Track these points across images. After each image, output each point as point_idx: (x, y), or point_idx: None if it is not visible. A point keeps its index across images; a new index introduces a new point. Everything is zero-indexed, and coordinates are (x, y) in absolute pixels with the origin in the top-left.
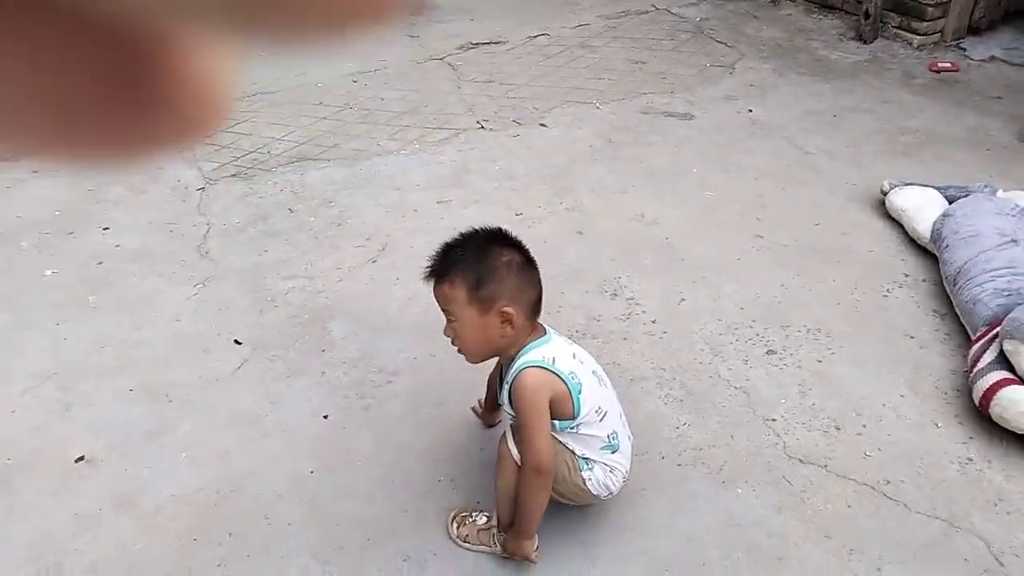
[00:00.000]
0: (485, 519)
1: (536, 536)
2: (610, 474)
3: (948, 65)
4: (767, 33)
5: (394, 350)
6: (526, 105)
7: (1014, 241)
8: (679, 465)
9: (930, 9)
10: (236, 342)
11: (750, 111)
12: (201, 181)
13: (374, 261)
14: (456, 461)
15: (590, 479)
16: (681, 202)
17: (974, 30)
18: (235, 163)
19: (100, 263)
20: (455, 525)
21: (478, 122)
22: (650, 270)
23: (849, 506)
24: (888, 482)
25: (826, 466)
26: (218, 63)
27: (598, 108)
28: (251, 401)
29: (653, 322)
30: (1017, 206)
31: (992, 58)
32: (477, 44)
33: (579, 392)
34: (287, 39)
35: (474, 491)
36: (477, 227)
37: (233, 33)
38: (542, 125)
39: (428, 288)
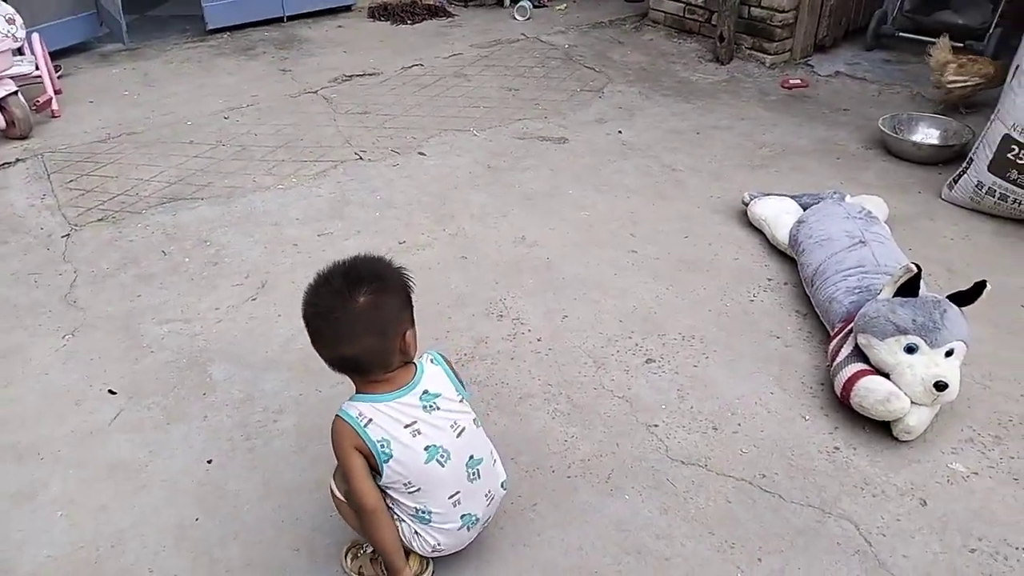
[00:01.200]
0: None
1: (415, 563)
2: (416, 535)
3: (798, 81)
4: (632, 58)
5: (278, 389)
6: (404, 135)
7: (862, 242)
8: (568, 477)
9: (778, 30)
10: (110, 392)
11: (620, 132)
12: (65, 228)
13: (254, 299)
14: None
15: (400, 529)
16: (559, 223)
17: (820, 48)
18: (101, 207)
19: None
20: (348, 558)
21: (356, 153)
22: (533, 290)
23: (729, 501)
24: (763, 476)
25: (706, 465)
26: None
27: (475, 135)
28: (129, 452)
29: (538, 340)
30: (863, 209)
31: (837, 73)
32: (351, 76)
33: (384, 461)
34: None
35: None
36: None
37: None
38: (421, 154)
39: None
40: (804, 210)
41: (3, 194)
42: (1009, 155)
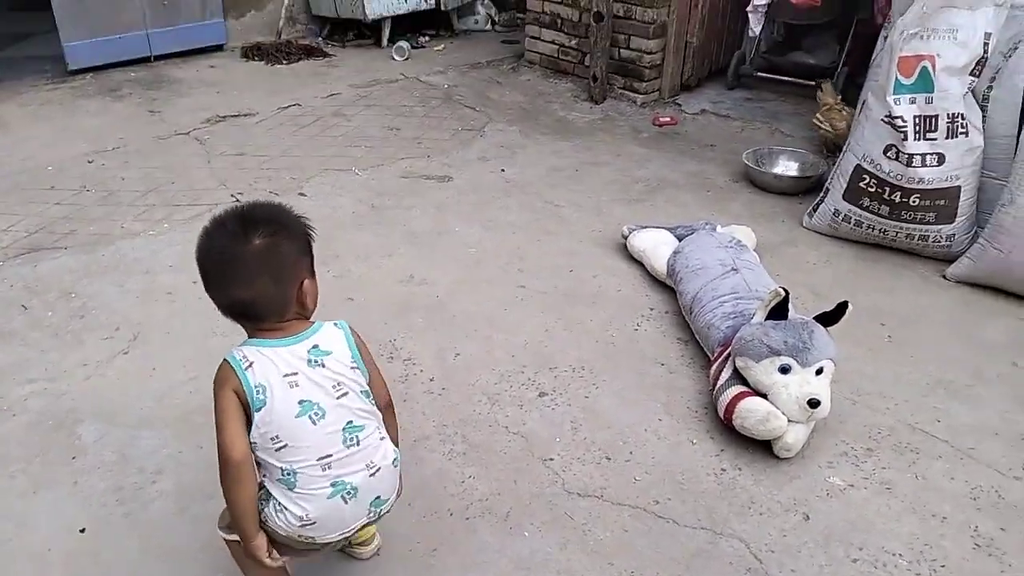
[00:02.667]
0: None
1: (272, 551)
2: (281, 511)
3: (668, 119)
4: (510, 97)
5: (155, 447)
6: (283, 175)
7: (734, 270)
8: (466, 519)
9: (647, 71)
10: None
11: (503, 170)
12: None
13: (125, 353)
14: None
15: (265, 512)
16: (447, 261)
17: (686, 87)
18: None
19: None
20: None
21: (232, 195)
22: (423, 329)
23: (626, 530)
24: (657, 502)
25: (602, 496)
26: None
27: (357, 175)
28: None
29: (431, 380)
30: (734, 239)
31: (703, 111)
32: (225, 117)
33: (257, 408)
34: None
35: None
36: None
37: None
38: (301, 194)
39: (188, 376)
40: (679, 241)
41: None
42: (861, 184)
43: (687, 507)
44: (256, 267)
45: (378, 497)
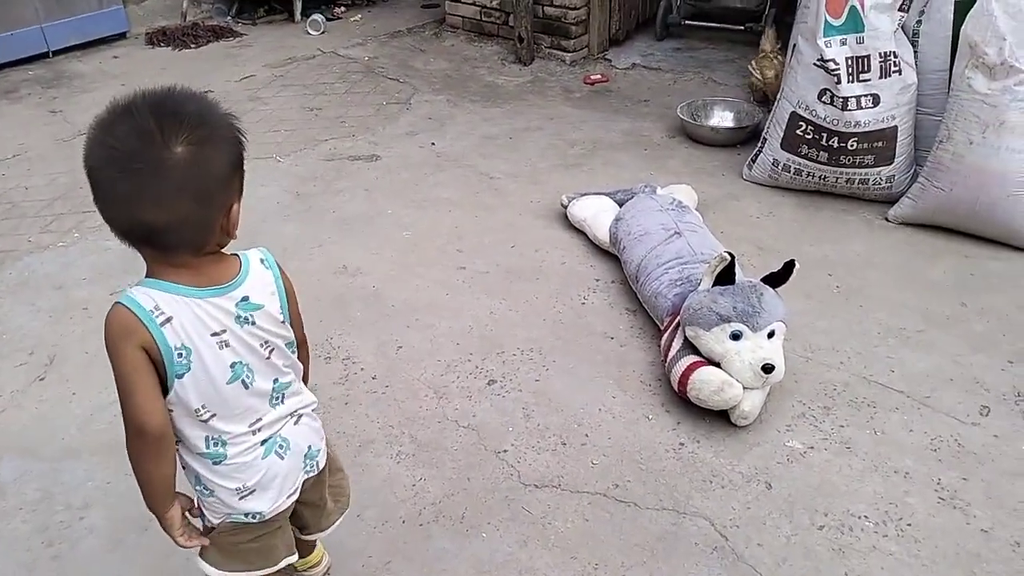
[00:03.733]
0: None
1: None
2: (210, 496)
3: (599, 77)
4: (435, 65)
5: (82, 479)
6: None
7: (677, 233)
8: (420, 525)
9: (573, 28)
10: None
11: (433, 144)
12: None
13: (42, 379)
14: None
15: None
16: (381, 246)
17: (615, 42)
18: None
19: None
20: None
21: None
22: (362, 323)
23: (587, 520)
24: (617, 486)
25: (560, 485)
26: None
27: (279, 161)
28: None
29: (373, 378)
30: (675, 200)
31: (634, 65)
32: None
33: (178, 375)
34: None
35: None
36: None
37: None
38: None
39: (111, 398)
40: (620, 206)
41: None
42: (798, 131)
43: (648, 488)
44: (178, 183)
45: (310, 447)
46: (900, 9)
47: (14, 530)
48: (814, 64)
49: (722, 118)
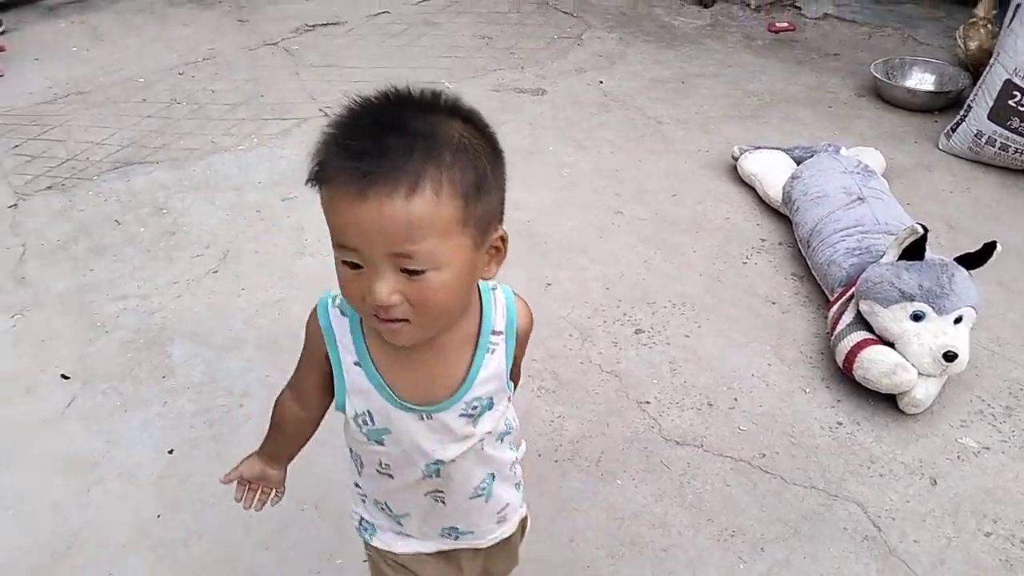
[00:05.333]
0: None
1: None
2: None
3: (785, 25)
4: (611, 1)
5: (243, 369)
6: (372, 88)
7: (860, 199)
8: (556, 461)
9: None
10: (63, 376)
11: (600, 83)
12: (12, 197)
13: (215, 272)
14: (320, 485)
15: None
16: (540, 183)
17: None
18: (50, 174)
19: None
20: None
21: (321, 109)
22: (513, 257)
23: (728, 485)
24: (763, 455)
25: (702, 445)
26: None
27: (448, 88)
28: (84, 443)
29: None
30: (860, 163)
31: (826, 15)
32: (314, 26)
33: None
34: None
35: (341, 516)
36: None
37: None
38: None
39: (275, 298)
40: (797, 164)
41: None
42: (1011, 102)
43: (797, 463)
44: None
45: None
46: None
47: (181, 407)
48: None
49: (921, 80)
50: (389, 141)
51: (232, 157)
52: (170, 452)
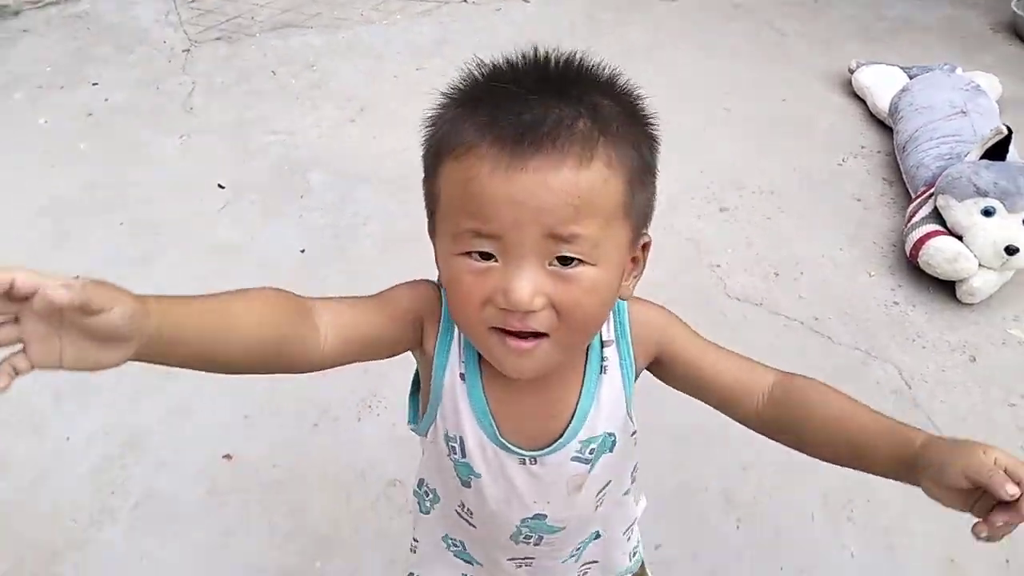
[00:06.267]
0: None
1: None
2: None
3: None
4: None
5: (369, 198)
6: None
7: (963, 112)
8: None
9: None
10: (219, 186)
11: None
12: (186, 43)
13: (352, 121)
14: None
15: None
16: (656, 75)
17: None
18: (219, 27)
19: (90, 115)
20: None
21: None
22: None
23: (777, 336)
24: (816, 319)
25: (761, 304)
26: None
27: None
28: (231, 235)
29: None
30: (972, 82)
31: None
32: None
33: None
34: None
35: None
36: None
37: None
38: (526, 0)
39: (403, 147)
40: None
41: (132, 8)
42: None
43: (847, 329)
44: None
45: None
46: None
47: (313, 220)
48: None
49: None
50: (549, 103)
51: (377, 29)
52: (302, 251)
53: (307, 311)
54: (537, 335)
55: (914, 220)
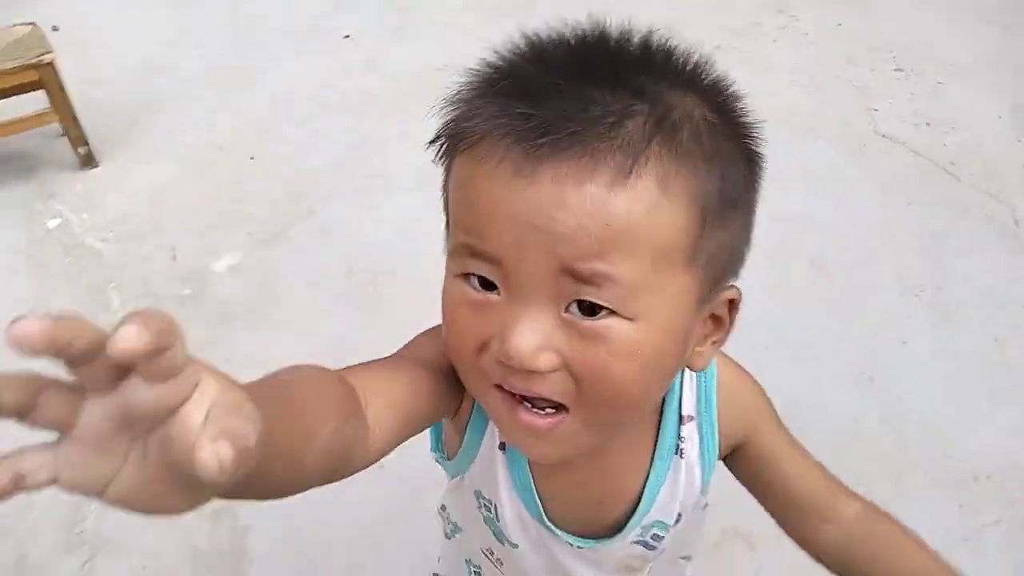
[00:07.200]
0: None
1: None
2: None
3: None
4: None
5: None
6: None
7: None
8: (765, 122)
9: None
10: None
11: None
12: None
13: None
14: None
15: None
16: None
17: None
18: None
19: None
20: None
21: None
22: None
23: (908, 168)
24: (953, 163)
25: (904, 143)
26: None
27: None
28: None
29: (805, 35)
30: None
31: None
32: None
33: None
34: None
35: None
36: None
37: None
38: None
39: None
40: None
41: None
42: None
43: (976, 174)
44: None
45: None
46: None
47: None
48: None
49: None
50: (591, 91)
51: None
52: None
53: (357, 399)
54: (557, 406)
55: None
